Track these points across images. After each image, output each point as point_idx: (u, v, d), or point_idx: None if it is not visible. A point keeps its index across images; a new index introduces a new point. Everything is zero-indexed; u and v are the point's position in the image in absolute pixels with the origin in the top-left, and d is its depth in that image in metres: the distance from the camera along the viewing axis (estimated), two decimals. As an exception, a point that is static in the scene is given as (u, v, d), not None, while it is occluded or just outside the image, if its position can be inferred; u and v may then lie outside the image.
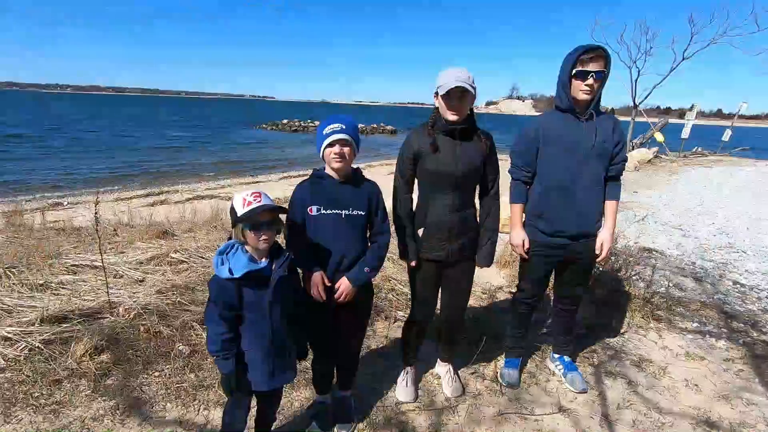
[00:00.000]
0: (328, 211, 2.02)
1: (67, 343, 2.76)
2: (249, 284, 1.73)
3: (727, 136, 21.01)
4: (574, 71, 2.27)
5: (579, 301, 2.77)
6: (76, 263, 3.89)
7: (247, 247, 1.77)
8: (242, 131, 40.97)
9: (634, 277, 4.26)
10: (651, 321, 3.65)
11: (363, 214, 2.07)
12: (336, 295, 2.06)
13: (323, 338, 2.23)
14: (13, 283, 3.50)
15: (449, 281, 2.47)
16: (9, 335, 2.74)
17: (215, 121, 57.16)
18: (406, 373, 2.71)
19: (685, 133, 19.78)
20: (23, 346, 2.69)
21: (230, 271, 1.70)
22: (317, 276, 2.00)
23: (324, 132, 1.98)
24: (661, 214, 7.62)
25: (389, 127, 49.07)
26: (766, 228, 6.90)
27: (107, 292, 3.17)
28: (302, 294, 2.05)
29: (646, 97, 16.78)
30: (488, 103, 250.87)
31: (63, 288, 3.52)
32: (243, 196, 1.72)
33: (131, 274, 3.80)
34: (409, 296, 3.81)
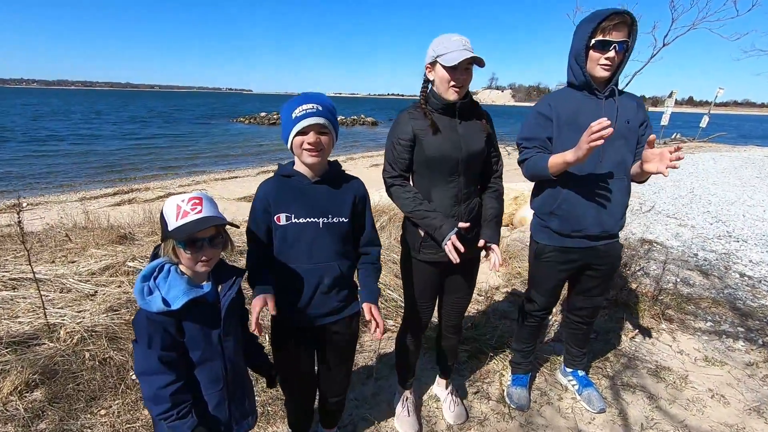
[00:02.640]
0: (301, 220, 1.58)
1: (-7, 379, 2.29)
2: (190, 316, 1.32)
3: (704, 122, 21.25)
4: (592, 41, 1.89)
5: (597, 313, 2.41)
6: (16, 276, 3.37)
7: (182, 267, 1.36)
8: (219, 125, 39.78)
9: (638, 272, 3.97)
10: (662, 321, 3.36)
11: (346, 221, 1.64)
12: (374, 330, 1.62)
13: (296, 380, 1.82)
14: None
15: (452, 284, 2.11)
16: None
17: (190, 114, 55.46)
18: (405, 400, 2.32)
19: (665, 120, 19.88)
20: (-66, 385, 2.21)
21: (165, 301, 1.27)
22: (258, 301, 1.47)
23: (293, 115, 1.50)
24: (652, 203, 7.42)
25: (369, 119, 48.42)
26: (762, 214, 6.75)
27: (44, 313, 2.69)
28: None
29: (626, 84, 16.69)
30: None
31: (-2, 307, 3.01)
32: (177, 203, 1.29)
33: (81, 288, 3.30)
34: (400, 303, 3.48)
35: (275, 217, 1.57)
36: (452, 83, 1.77)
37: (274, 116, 44.67)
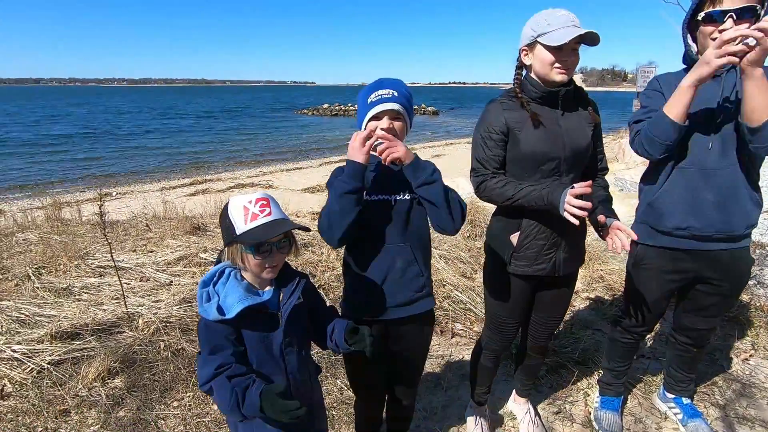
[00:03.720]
0: (374, 197, 1.49)
1: (79, 364, 2.42)
2: (248, 324, 1.23)
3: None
4: (701, 14, 1.53)
5: (711, 336, 2.03)
6: (103, 264, 3.59)
7: (244, 273, 1.27)
8: (284, 117, 41.23)
9: (751, 282, 3.43)
10: (783, 342, 2.85)
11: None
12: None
13: (365, 382, 1.71)
14: (37, 287, 3.25)
15: (545, 301, 1.88)
16: (17, 356, 2.42)
17: (258, 108, 58.10)
18: (479, 417, 2.14)
19: None
20: (31, 367, 2.37)
21: (220, 309, 1.19)
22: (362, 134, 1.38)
23: (369, 100, 1.46)
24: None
25: (431, 108, 47.74)
26: None
27: (124, 303, 2.81)
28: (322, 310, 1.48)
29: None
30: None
31: (86, 292, 3.22)
32: (244, 204, 1.20)
33: (158, 277, 3.46)
34: (470, 305, 3.27)
35: None
36: (557, 65, 1.53)
37: (336, 107, 45.51)
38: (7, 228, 5.15)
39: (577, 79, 1.86)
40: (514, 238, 1.71)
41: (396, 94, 1.45)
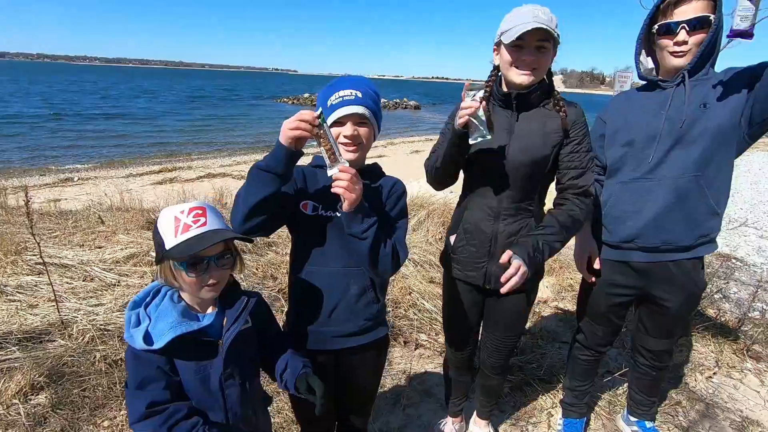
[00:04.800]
0: (330, 213, 1.33)
1: (-1, 377, 2.17)
2: (182, 353, 1.08)
3: None
4: (655, 27, 1.56)
5: (670, 358, 1.96)
6: (41, 262, 3.29)
7: (183, 294, 1.12)
8: (264, 106, 40.34)
9: (716, 296, 3.42)
10: (747, 359, 2.83)
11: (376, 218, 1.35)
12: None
13: (313, 417, 1.55)
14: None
15: (493, 317, 1.76)
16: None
17: (237, 95, 56.70)
18: (444, 426, 2.05)
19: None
20: (-58, 381, 2.11)
21: (147, 337, 1.03)
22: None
23: (329, 102, 1.29)
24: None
25: (413, 102, 47.55)
26: None
27: (57, 307, 2.56)
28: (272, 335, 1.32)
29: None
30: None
31: (21, 293, 2.94)
32: (175, 214, 1.05)
33: (104, 277, 3.20)
34: (434, 315, 3.13)
35: (302, 204, 1.33)
36: (514, 65, 1.43)
37: (316, 97, 44.92)
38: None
39: (557, 80, 1.76)
40: (452, 238, 1.66)
41: (360, 95, 1.28)
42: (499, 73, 1.54)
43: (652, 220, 1.63)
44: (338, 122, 1.28)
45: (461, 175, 1.67)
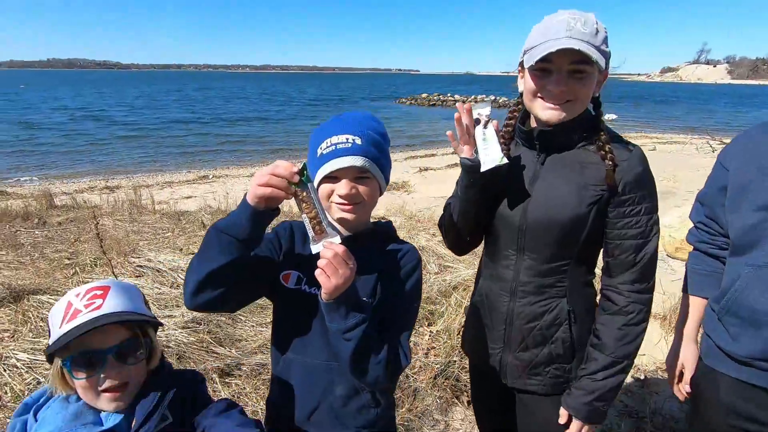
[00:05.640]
0: (313, 290, 1.07)
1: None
2: None
3: None
4: None
5: None
6: (143, 264, 3.70)
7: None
8: (382, 107, 41.65)
9: None
10: None
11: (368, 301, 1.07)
12: None
13: None
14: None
15: (518, 414, 1.36)
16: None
17: (360, 95, 59.72)
18: None
19: None
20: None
21: None
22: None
23: (319, 152, 1.03)
24: None
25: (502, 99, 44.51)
26: None
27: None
28: None
29: None
30: (664, 70, 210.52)
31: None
32: (70, 299, 0.89)
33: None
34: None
35: (282, 275, 1.11)
36: (539, 96, 1.08)
37: (434, 97, 44.81)
38: (97, 209, 5.72)
39: (720, 69, 1.29)
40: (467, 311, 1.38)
41: (360, 141, 1.02)
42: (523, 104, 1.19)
43: None
44: (331, 177, 1.02)
45: None
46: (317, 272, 0.93)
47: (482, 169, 1.09)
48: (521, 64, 1.13)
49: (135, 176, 11.69)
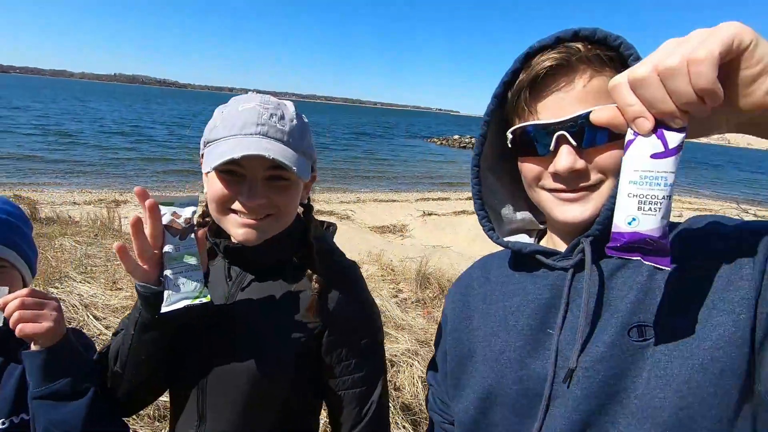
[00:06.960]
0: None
1: None
2: None
3: None
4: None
5: None
6: (62, 297, 3.52)
7: None
8: (413, 145, 41.96)
9: None
10: None
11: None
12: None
13: None
14: None
15: None
16: None
17: (396, 132, 60.80)
18: None
19: None
20: None
21: None
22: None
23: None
24: None
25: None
26: None
27: None
28: None
29: None
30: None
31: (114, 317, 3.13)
32: None
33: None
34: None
35: None
36: (231, 209, 0.83)
37: (465, 139, 44.91)
38: (70, 227, 5.71)
39: None
40: None
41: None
42: None
43: None
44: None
45: None
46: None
47: (163, 309, 0.75)
48: (203, 155, 0.84)
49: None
